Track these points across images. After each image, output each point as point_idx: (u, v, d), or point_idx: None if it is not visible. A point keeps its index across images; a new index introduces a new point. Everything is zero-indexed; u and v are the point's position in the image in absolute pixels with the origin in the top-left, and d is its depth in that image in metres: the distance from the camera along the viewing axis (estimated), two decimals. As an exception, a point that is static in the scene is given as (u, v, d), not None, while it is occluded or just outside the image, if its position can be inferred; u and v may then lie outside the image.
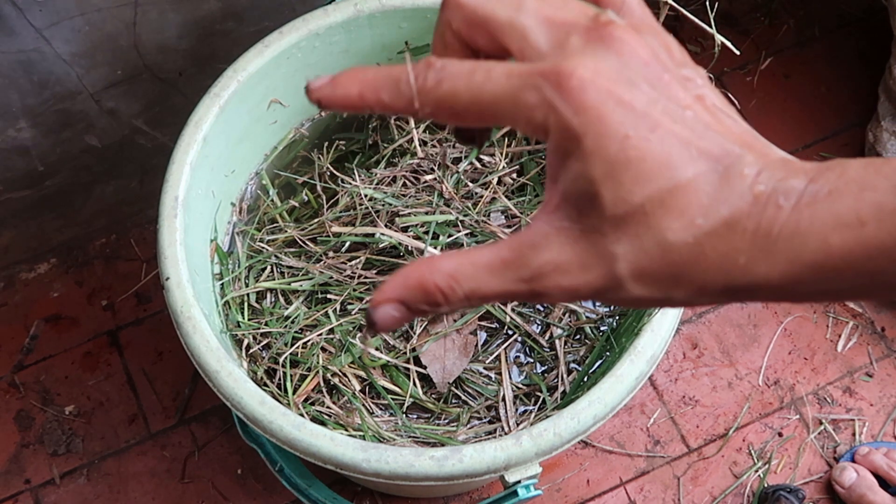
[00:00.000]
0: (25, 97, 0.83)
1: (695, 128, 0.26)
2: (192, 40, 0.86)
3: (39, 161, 0.92)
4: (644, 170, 0.25)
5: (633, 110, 0.25)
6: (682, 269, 0.26)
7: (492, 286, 0.27)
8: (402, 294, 0.28)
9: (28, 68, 0.80)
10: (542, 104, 0.26)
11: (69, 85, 0.84)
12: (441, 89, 0.27)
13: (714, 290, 0.26)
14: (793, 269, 0.25)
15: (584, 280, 0.27)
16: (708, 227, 0.25)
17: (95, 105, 0.88)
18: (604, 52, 0.26)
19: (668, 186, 0.25)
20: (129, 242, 1.10)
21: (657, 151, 0.25)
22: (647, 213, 0.25)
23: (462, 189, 0.78)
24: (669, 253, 0.26)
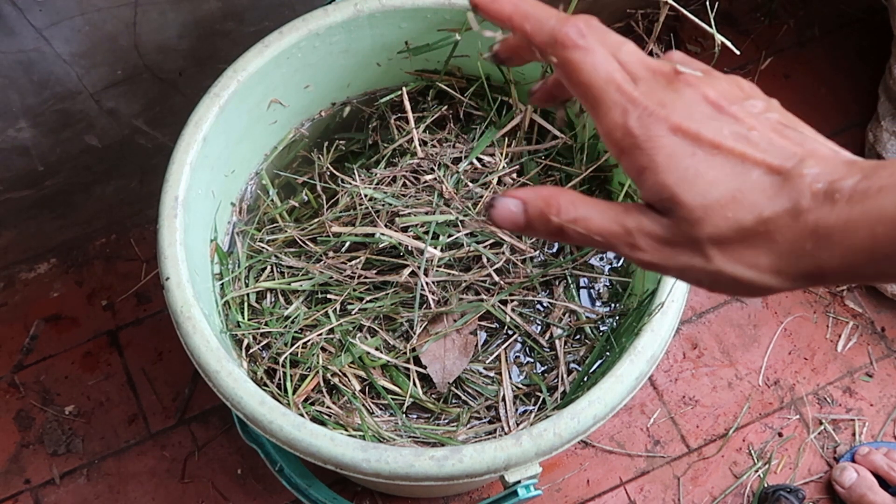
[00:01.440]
0: (25, 97, 0.83)
1: (758, 144, 0.33)
2: (192, 40, 0.86)
3: (39, 161, 0.92)
4: (710, 178, 0.32)
5: (699, 138, 0.33)
6: (756, 245, 0.32)
7: (597, 221, 0.35)
8: (528, 196, 0.36)
9: (28, 68, 0.80)
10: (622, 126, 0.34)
11: (69, 85, 0.84)
12: (573, 53, 0.35)
13: (789, 272, 0.32)
14: (849, 256, 0.31)
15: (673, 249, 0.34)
16: (771, 214, 0.32)
17: (95, 105, 0.88)
18: (678, 92, 0.34)
19: (733, 188, 0.32)
20: (129, 242, 1.10)
21: (720, 165, 0.32)
22: (722, 205, 0.32)
23: (462, 189, 0.78)
24: (741, 230, 0.32)
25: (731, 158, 0.33)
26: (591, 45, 0.35)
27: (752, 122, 0.33)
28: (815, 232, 0.31)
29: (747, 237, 0.32)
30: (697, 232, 0.33)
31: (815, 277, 0.32)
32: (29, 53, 0.78)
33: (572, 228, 0.35)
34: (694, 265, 0.34)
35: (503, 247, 0.77)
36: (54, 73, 0.82)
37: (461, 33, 0.77)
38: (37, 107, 0.85)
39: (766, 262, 0.32)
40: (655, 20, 1.14)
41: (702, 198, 0.32)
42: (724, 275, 0.33)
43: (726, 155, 0.33)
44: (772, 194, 0.32)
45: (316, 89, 0.82)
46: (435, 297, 0.75)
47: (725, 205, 0.32)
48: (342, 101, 0.86)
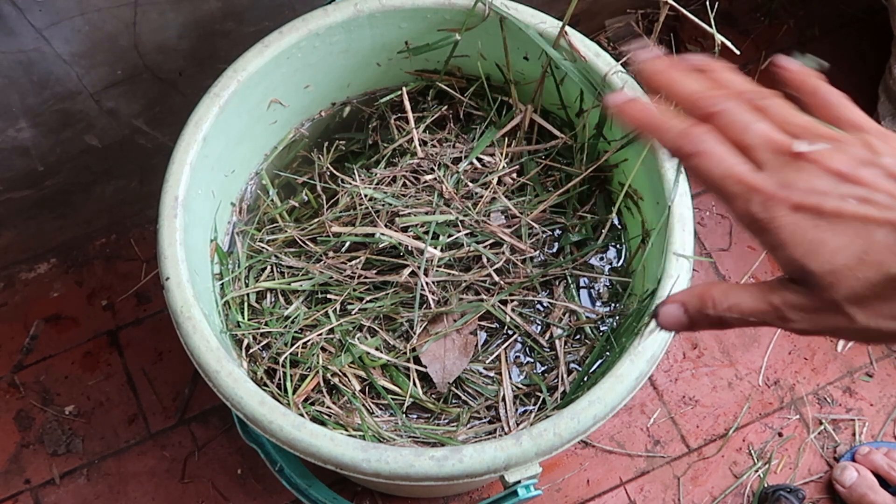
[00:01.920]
0: (25, 97, 0.83)
1: (881, 203, 0.34)
2: (192, 40, 0.86)
3: (39, 161, 0.92)
4: (835, 245, 0.34)
5: (821, 210, 0.35)
6: (891, 299, 0.34)
7: (748, 304, 0.38)
8: (685, 298, 0.40)
9: (28, 68, 0.80)
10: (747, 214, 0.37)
11: (69, 85, 0.84)
12: (693, 161, 0.38)
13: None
14: None
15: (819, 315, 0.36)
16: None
17: (95, 105, 0.88)
18: (800, 170, 0.36)
19: (859, 250, 0.34)
20: (129, 242, 1.10)
21: (843, 231, 0.35)
22: (850, 268, 0.34)
23: (462, 189, 0.78)
24: (873, 288, 0.34)
25: (853, 223, 0.34)
26: (708, 149, 0.38)
27: (875, 182, 0.35)
28: None
29: (881, 293, 0.34)
30: (833, 296, 0.35)
31: None
32: (29, 53, 0.78)
33: (729, 316, 0.38)
34: (839, 325, 0.36)
35: (503, 247, 0.77)
36: (54, 73, 0.82)
37: (461, 33, 0.77)
38: (37, 107, 0.85)
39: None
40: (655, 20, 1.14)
41: (829, 265, 0.35)
42: (871, 330, 0.35)
43: (849, 221, 0.35)
44: (893, 242, 0.34)
45: (316, 89, 0.82)
46: (435, 297, 0.75)
47: (853, 267, 0.34)
48: (342, 101, 0.86)
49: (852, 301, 0.35)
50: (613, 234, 0.81)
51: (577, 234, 0.80)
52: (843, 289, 0.35)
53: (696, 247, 0.77)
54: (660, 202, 0.71)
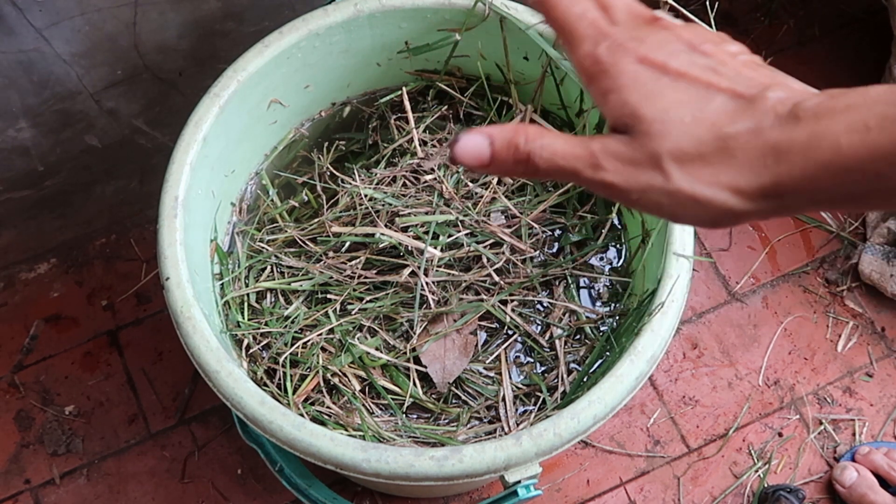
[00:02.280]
0: (25, 97, 0.83)
1: (725, 74, 0.34)
2: (192, 40, 0.86)
3: (39, 161, 0.92)
4: (673, 98, 0.34)
5: (665, 67, 0.34)
6: (715, 163, 0.33)
7: (563, 145, 0.36)
8: (494, 129, 0.37)
9: (28, 68, 0.80)
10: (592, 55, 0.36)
11: (69, 85, 0.84)
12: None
13: (747, 190, 0.32)
14: (809, 170, 0.31)
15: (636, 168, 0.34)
16: (732, 131, 0.32)
17: (95, 105, 0.88)
18: (653, 31, 0.36)
19: (695, 109, 0.33)
20: (129, 242, 1.10)
21: (684, 90, 0.34)
22: (682, 122, 0.33)
23: (462, 189, 0.78)
24: (700, 146, 0.33)
25: (696, 85, 0.34)
26: None
27: (723, 58, 0.35)
28: (776, 147, 0.32)
29: (706, 154, 0.33)
30: (657, 146, 0.34)
31: (773, 196, 0.32)
32: (29, 53, 0.78)
33: (539, 154, 0.36)
34: (654, 184, 0.34)
35: (503, 247, 0.77)
36: (54, 73, 0.82)
37: (461, 33, 0.77)
38: (37, 107, 0.85)
39: (725, 180, 0.33)
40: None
41: (662, 113, 0.34)
42: (683, 193, 0.33)
43: (691, 82, 0.34)
44: (734, 115, 0.33)
45: (316, 89, 0.82)
46: (435, 297, 0.75)
47: (686, 122, 0.33)
48: (342, 101, 0.86)
49: (674, 156, 0.33)
50: (613, 234, 0.81)
51: (577, 234, 0.80)
52: (669, 141, 0.33)
53: (696, 247, 0.77)
54: (660, 202, 0.70)
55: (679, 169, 0.33)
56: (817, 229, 1.13)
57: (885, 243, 1.08)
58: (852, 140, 0.30)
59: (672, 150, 0.33)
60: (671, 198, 0.34)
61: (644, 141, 0.34)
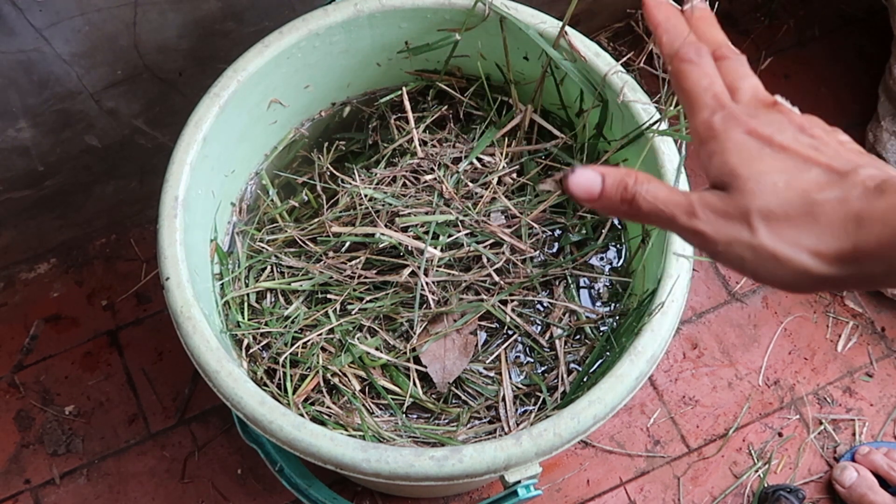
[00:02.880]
0: (25, 97, 0.83)
1: (826, 153, 0.36)
2: (192, 40, 0.86)
3: (39, 161, 0.92)
4: (770, 165, 0.37)
5: (771, 140, 0.37)
6: (800, 226, 0.35)
7: (666, 192, 0.39)
8: (607, 170, 0.40)
9: (28, 68, 0.80)
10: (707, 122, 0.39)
11: (69, 85, 0.84)
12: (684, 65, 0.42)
13: (826, 253, 0.35)
14: (886, 236, 0.33)
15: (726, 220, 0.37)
16: (820, 198, 0.35)
17: (95, 105, 0.88)
18: (768, 112, 0.39)
19: (790, 177, 0.36)
20: (129, 242, 1.10)
21: (783, 160, 0.37)
22: (775, 186, 0.36)
23: (462, 189, 0.78)
24: (788, 209, 0.35)
25: (795, 158, 0.37)
26: (703, 63, 0.41)
27: (827, 140, 0.37)
28: (858, 215, 0.34)
29: (792, 216, 0.35)
30: (748, 203, 0.36)
31: (850, 261, 0.34)
32: (29, 53, 0.78)
33: (644, 197, 0.39)
34: (740, 238, 0.36)
35: (503, 247, 0.77)
36: (54, 73, 0.82)
37: (461, 33, 0.77)
38: (37, 107, 0.85)
39: (807, 242, 0.35)
40: (655, 20, 1.14)
41: (758, 175, 0.36)
42: (765, 249, 0.36)
43: (792, 154, 0.37)
44: (825, 186, 0.35)
45: (316, 89, 0.82)
46: (435, 297, 0.75)
47: (779, 186, 0.36)
48: (342, 101, 0.86)
49: (763, 214, 0.36)
50: (613, 234, 0.81)
51: (577, 234, 0.80)
52: (760, 199, 0.36)
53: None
54: (660, 202, 0.70)
55: (765, 226, 0.36)
56: (817, 229, 1.12)
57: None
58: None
59: (761, 208, 0.36)
60: (754, 252, 0.36)
61: (737, 197, 0.37)
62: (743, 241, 0.36)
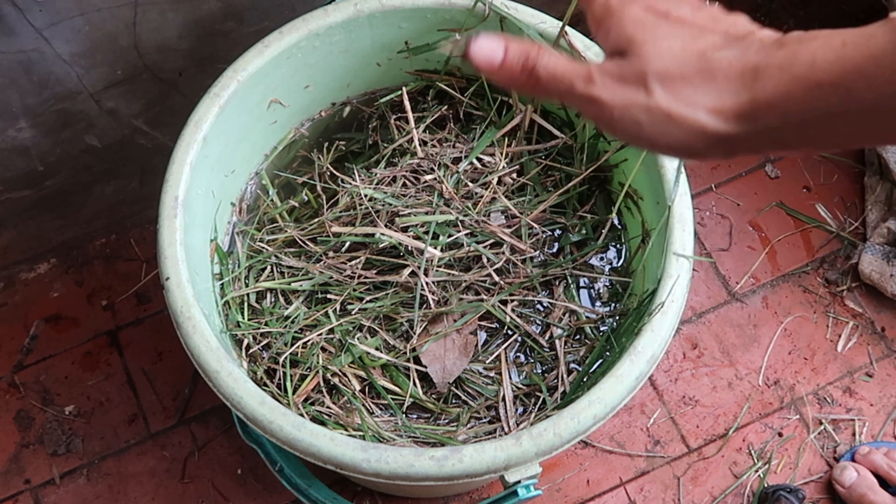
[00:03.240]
0: (25, 97, 0.83)
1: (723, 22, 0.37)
2: (192, 40, 0.86)
3: (39, 161, 0.92)
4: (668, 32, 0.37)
5: (668, 14, 0.37)
6: (697, 84, 0.35)
7: (565, 63, 0.38)
8: (510, 40, 0.40)
9: (28, 68, 0.80)
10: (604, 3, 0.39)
11: (69, 85, 0.84)
12: None
13: (725, 109, 0.34)
14: (783, 84, 0.33)
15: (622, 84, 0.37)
16: (717, 56, 0.35)
17: (95, 105, 0.88)
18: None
19: (687, 43, 0.36)
20: (129, 242, 1.10)
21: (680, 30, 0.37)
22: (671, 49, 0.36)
23: (462, 189, 0.78)
24: (685, 68, 0.35)
25: (691, 27, 0.37)
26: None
27: (724, 15, 0.38)
28: (755, 67, 0.34)
29: (689, 76, 0.35)
30: (645, 65, 0.36)
31: (748, 116, 0.34)
32: (29, 53, 0.78)
33: (544, 66, 0.39)
34: (636, 100, 0.36)
35: (503, 247, 0.77)
36: (54, 73, 0.82)
37: (461, 33, 0.77)
38: (37, 107, 0.85)
39: (704, 99, 0.35)
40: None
41: (655, 40, 0.37)
42: (661, 110, 0.36)
43: (689, 25, 0.37)
44: (721, 46, 0.35)
45: (316, 89, 0.82)
46: (435, 297, 0.75)
47: (675, 50, 0.36)
48: (342, 101, 0.86)
49: (659, 75, 0.36)
50: (613, 234, 0.81)
51: (577, 234, 0.80)
52: (656, 62, 0.36)
53: (696, 247, 0.77)
54: (660, 202, 0.71)
55: (661, 87, 0.36)
56: (817, 229, 1.13)
57: (885, 243, 1.08)
58: (827, 55, 0.32)
59: (658, 70, 0.36)
60: (650, 114, 0.36)
61: (634, 61, 0.37)
62: (639, 103, 0.36)
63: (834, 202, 1.14)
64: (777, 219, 1.13)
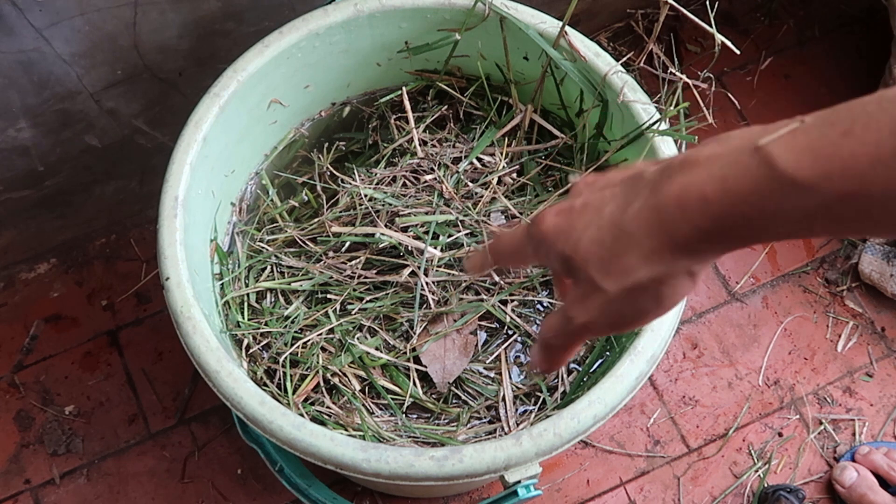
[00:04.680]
0: (25, 97, 0.83)
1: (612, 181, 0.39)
2: (192, 40, 0.86)
3: (39, 161, 0.92)
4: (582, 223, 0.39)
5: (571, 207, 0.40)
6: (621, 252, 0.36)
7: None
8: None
9: (28, 68, 0.80)
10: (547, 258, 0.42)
11: (69, 85, 0.84)
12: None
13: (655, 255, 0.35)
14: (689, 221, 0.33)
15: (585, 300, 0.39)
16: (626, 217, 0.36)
17: (95, 105, 0.88)
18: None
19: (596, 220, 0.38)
20: (129, 242, 1.10)
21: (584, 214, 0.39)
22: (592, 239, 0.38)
23: (462, 189, 0.78)
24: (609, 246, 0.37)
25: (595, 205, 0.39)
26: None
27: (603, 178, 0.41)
28: (657, 209, 0.35)
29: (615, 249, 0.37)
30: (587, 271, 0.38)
31: (678, 249, 0.35)
32: (29, 53, 0.78)
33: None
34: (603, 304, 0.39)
35: (503, 247, 0.77)
36: (54, 73, 0.82)
37: (461, 33, 0.77)
38: (37, 107, 0.85)
39: (634, 260, 0.36)
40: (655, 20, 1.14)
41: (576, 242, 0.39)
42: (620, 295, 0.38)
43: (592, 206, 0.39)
44: (623, 205, 0.37)
45: (316, 89, 0.82)
46: (435, 297, 0.75)
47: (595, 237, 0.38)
48: (342, 101, 0.86)
49: (599, 270, 0.37)
50: (613, 234, 0.81)
51: (577, 234, 0.80)
52: (591, 261, 0.37)
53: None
54: (660, 202, 0.70)
55: (607, 278, 0.37)
56: (817, 229, 1.12)
57: (885, 243, 1.08)
58: (715, 189, 0.33)
59: (596, 267, 0.37)
60: (619, 304, 0.38)
61: (579, 274, 0.38)
62: (604, 304, 0.38)
63: (834, 202, 1.14)
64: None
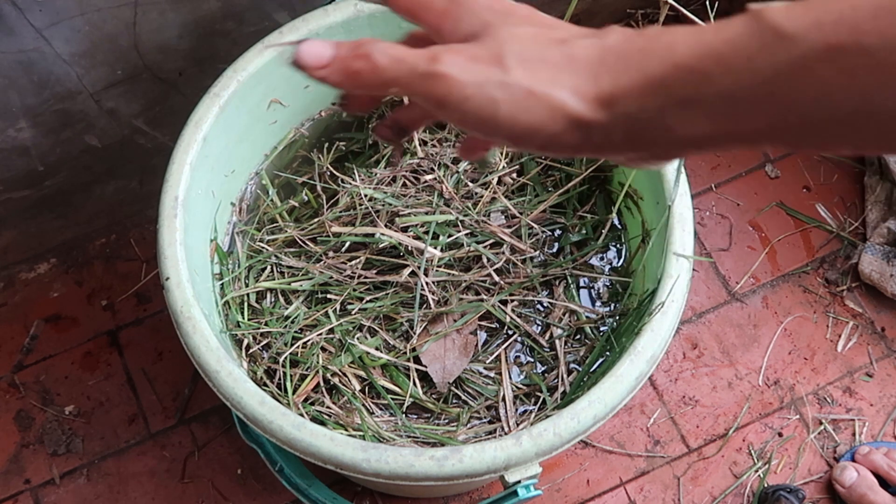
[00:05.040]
0: (25, 97, 0.83)
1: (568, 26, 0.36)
2: (192, 40, 0.86)
3: (39, 161, 0.92)
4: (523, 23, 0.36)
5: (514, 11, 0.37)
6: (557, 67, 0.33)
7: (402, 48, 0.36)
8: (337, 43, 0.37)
9: (28, 68, 0.80)
10: None
11: (69, 85, 0.84)
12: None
13: (588, 92, 0.33)
14: (644, 66, 0.32)
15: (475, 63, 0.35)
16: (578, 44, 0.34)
17: (95, 105, 0.88)
18: None
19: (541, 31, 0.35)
20: (129, 242, 1.10)
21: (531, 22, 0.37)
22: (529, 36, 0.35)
23: (462, 189, 0.78)
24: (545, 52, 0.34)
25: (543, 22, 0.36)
26: None
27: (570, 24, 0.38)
28: (616, 52, 0.33)
29: (549, 59, 0.34)
30: (501, 46, 0.34)
31: (609, 101, 0.33)
32: (29, 53, 0.78)
33: (382, 51, 0.36)
34: (492, 77, 0.34)
35: (503, 247, 0.77)
36: (54, 73, 0.82)
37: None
38: (37, 107, 0.85)
39: (566, 80, 0.33)
40: (655, 20, 1.14)
41: (509, 25, 0.35)
42: (521, 86, 0.33)
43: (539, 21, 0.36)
44: (580, 36, 0.34)
45: (316, 89, 0.82)
46: (435, 297, 0.75)
47: (531, 36, 0.35)
48: (342, 101, 0.86)
49: (518, 56, 0.34)
50: (613, 234, 0.81)
51: (577, 234, 0.80)
52: (513, 44, 0.34)
53: (696, 247, 0.77)
54: (660, 202, 0.71)
55: (520, 65, 0.34)
56: (817, 229, 1.13)
57: (885, 243, 1.08)
58: (686, 39, 0.31)
59: (516, 52, 0.34)
60: (508, 91, 0.34)
61: (488, 41, 0.35)
62: (495, 80, 0.34)
63: (834, 202, 1.14)
64: (777, 219, 1.13)
